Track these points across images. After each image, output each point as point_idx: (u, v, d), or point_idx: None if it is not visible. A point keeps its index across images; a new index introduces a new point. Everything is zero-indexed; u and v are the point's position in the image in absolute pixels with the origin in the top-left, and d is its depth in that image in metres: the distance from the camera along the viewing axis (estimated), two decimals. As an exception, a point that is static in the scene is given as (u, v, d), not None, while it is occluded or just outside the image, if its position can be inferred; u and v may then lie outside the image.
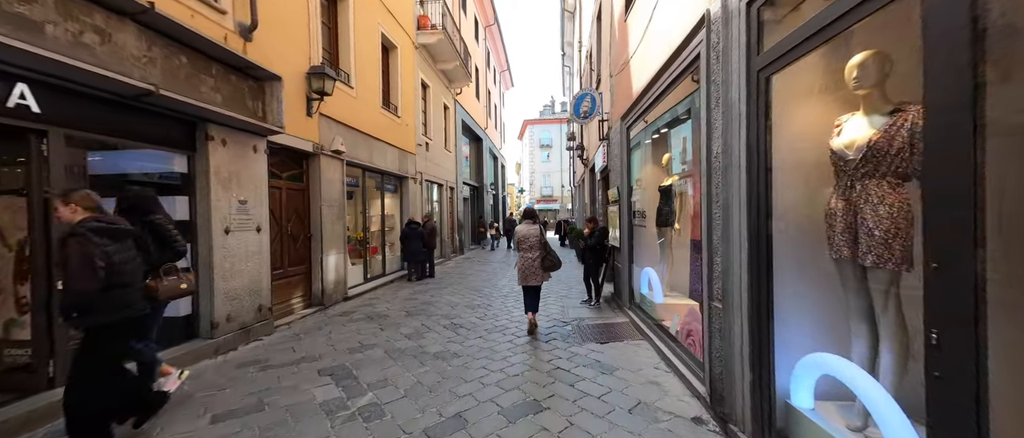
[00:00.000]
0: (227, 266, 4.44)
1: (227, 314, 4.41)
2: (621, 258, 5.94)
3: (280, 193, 5.74)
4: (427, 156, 11.88)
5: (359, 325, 5.56)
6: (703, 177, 2.96)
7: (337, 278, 6.80)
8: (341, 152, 6.89)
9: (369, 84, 8.20)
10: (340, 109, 7.02)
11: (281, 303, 5.69)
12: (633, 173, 5.70)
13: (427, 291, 8.10)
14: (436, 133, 12.88)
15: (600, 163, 7.79)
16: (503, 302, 7.00)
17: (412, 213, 10.41)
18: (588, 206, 12.42)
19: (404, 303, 6.98)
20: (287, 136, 5.60)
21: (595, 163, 9.36)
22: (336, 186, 6.86)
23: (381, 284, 8.49)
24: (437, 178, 12.86)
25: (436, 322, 5.72)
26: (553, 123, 44.53)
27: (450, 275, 10.27)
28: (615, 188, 6.21)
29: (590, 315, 5.92)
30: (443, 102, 13.78)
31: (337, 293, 6.80)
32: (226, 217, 4.44)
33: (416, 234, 9.29)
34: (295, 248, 6.05)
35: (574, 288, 8.17)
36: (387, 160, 9.04)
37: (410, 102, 10.52)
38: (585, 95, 7.16)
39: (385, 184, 9.46)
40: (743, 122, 2.38)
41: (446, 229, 13.83)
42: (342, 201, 7.02)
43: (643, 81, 4.68)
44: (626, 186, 5.69)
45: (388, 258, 9.65)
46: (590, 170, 11.71)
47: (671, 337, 4.18)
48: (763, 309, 2.28)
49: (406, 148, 10.14)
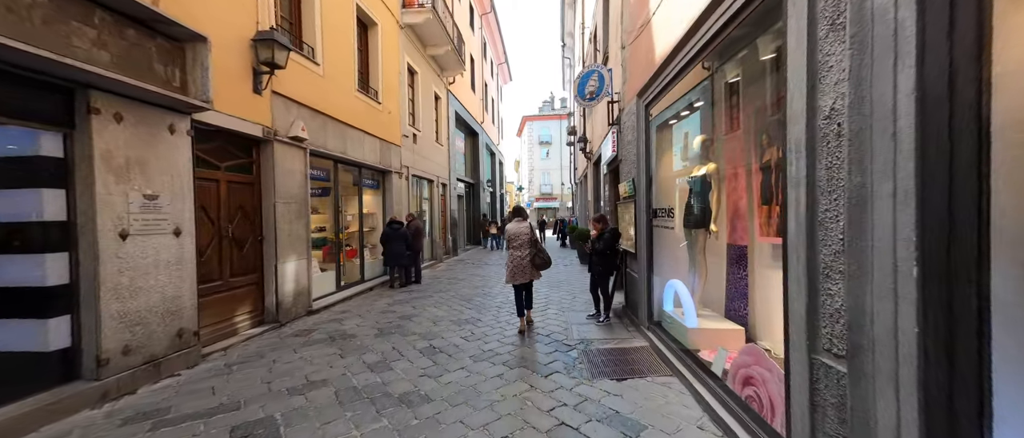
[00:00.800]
0: (124, 281, 3.36)
1: (124, 345, 3.34)
2: (637, 266, 4.87)
3: (216, 187, 4.66)
4: (415, 149, 10.80)
5: (315, 350, 4.48)
6: (793, 152, 1.88)
7: (298, 289, 5.72)
8: (303, 139, 5.80)
9: (341, 63, 7.11)
10: (302, 89, 5.93)
11: (218, 323, 4.61)
12: (653, 162, 4.62)
13: (409, 301, 7.03)
14: (426, 124, 11.80)
15: (608, 153, 6.72)
16: (495, 315, 5.93)
17: (397, 211, 9.33)
18: (591, 204, 11.36)
19: (378, 317, 5.90)
20: (224, 116, 4.52)
21: (601, 154, 8.28)
22: (296, 179, 5.77)
23: (357, 293, 7.41)
24: (427, 173, 11.78)
25: (411, 344, 4.65)
26: (552, 119, 43.42)
27: (439, 281, 9.20)
28: (629, 181, 5.13)
29: (599, 335, 4.85)
30: (434, 91, 12.69)
31: (298, 306, 5.73)
32: (122, 217, 3.36)
33: (398, 235, 8.22)
34: (240, 254, 4.97)
35: (578, 297, 7.11)
36: (365, 151, 7.95)
37: (394, 88, 9.43)
38: (591, 72, 6.09)
39: (363, 179, 8.38)
40: (909, 49, 1.30)
41: (438, 229, 12.76)
42: (305, 197, 5.94)
43: (670, 41, 3.60)
44: (644, 178, 4.62)
45: (368, 263, 8.57)
46: (594, 164, 10.65)
47: (710, 374, 3.11)
48: (966, 392, 1.21)
49: (389, 139, 9.05)
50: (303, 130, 5.75)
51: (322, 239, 7.59)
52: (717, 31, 2.79)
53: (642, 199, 4.66)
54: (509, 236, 5.02)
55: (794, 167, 1.86)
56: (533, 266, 4.94)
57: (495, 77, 24.97)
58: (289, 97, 5.64)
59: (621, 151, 5.86)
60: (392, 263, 8.30)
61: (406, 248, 8.36)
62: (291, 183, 5.64)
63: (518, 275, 4.91)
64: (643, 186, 4.64)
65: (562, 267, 11.20)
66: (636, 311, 5.06)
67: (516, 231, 5.00)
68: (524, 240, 4.94)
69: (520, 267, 4.89)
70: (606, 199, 8.03)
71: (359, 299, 7.20)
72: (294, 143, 5.68)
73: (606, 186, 8.00)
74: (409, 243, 8.37)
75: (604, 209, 8.19)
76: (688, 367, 3.42)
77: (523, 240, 4.94)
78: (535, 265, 4.95)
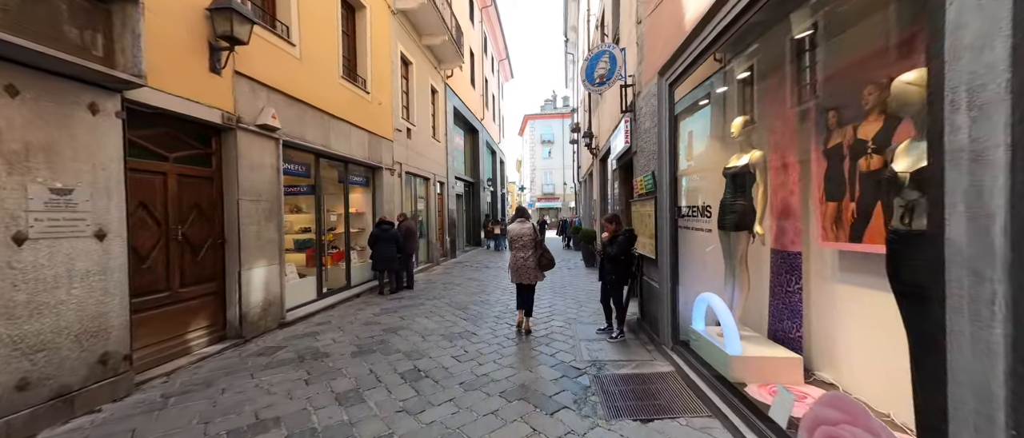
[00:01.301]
0: (20, 297, 2.66)
1: (20, 378, 2.64)
2: (658, 274, 4.15)
3: (163, 181, 3.96)
4: (409, 144, 10.10)
5: (277, 375, 3.78)
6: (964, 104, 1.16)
7: (267, 298, 5.02)
8: (274, 128, 5.11)
9: (323, 46, 6.42)
10: (274, 72, 5.24)
11: (162, 343, 3.91)
12: (679, 151, 3.90)
13: (397, 310, 6.32)
14: (421, 119, 11.10)
15: (619, 146, 6.01)
16: (493, 327, 5.23)
17: (389, 211, 8.63)
18: (597, 203, 10.65)
19: (360, 330, 5.20)
20: (172, 97, 3.82)
21: (610, 148, 7.57)
22: (266, 174, 5.07)
23: (342, 300, 6.71)
24: (422, 171, 11.08)
25: (393, 366, 3.94)
26: (555, 118, 42.73)
27: (433, 286, 8.49)
28: (647, 175, 4.42)
29: (614, 355, 4.13)
30: (430, 84, 12.00)
31: (268, 318, 5.03)
32: (17, 216, 2.67)
33: (388, 237, 7.52)
34: (195, 260, 4.28)
35: (585, 306, 6.39)
36: (351, 145, 7.25)
37: (385, 78, 8.74)
38: (601, 53, 5.38)
39: (350, 175, 7.68)
40: None
41: (434, 229, 12.06)
42: (276, 194, 5.24)
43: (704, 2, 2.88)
44: (667, 171, 3.90)
45: (356, 267, 7.87)
46: (601, 160, 9.94)
47: (766, 420, 2.39)
48: None
49: (379, 132, 8.35)
50: (274, 118, 5.05)
51: (306, 241, 6.91)
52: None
53: (665, 196, 3.94)
54: (511, 237, 4.93)
55: (966, 131, 1.13)
56: (538, 267, 4.86)
57: (496, 73, 24.28)
58: (257, 80, 4.95)
59: (636, 142, 5.14)
60: (381, 267, 7.60)
61: (397, 251, 7.66)
62: (259, 178, 4.94)
63: (521, 275, 4.84)
64: (666, 180, 3.92)
65: (566, 270, 10.49)
66: (655, 327, 4.34)
67: (518, 232, 4.91)
68: (526, 241, 4.86)
69: (523, 268, 4.83)
70: (616, 197, 7.31)
71: (343, 308, 6.50)
72: (263, 133, 4.98)
73: (616, 183, 7.28)
74: (400, 245, 7.67)
75: (614, 208, 7.47)
76: (732, 406, 2.69)
77: (525, 241, 4.86)
78: (540, 266, 4.87)
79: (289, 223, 7.25)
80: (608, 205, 9.99)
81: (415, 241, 8.33)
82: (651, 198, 4.29)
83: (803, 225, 3.01)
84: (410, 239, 8.08)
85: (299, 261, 6.91)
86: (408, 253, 8.04)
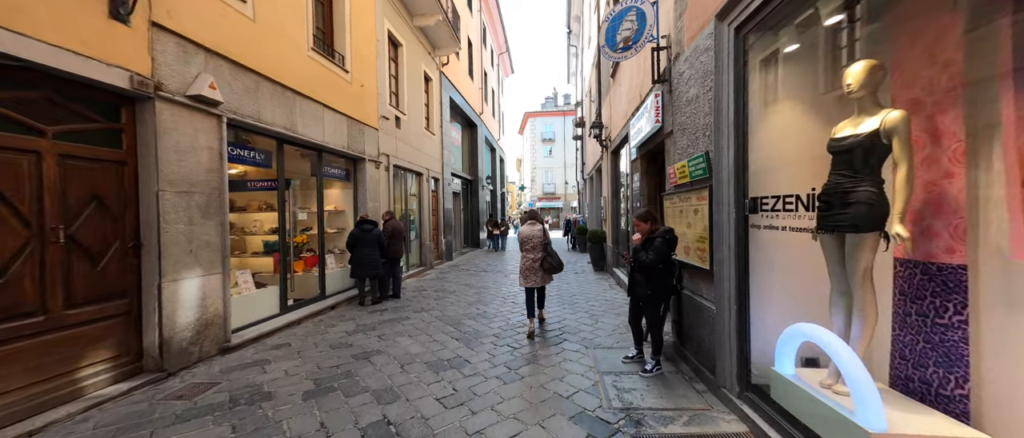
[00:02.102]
0: None
1: None
2: (714, 291, 3.07)
3: (35, 164, 2.88)
4: (398, 135, 9.03)
5: (187, 434, 2.71)
6: None
7: (203, 318, 3.95)
8: (213, 102, 4.03)
9: (287, 8, 5.34)
10: (217, 32, 4.17)
11: (34, 386, 2.83)
12: (751, 122, 2.82)
13: (376, 327, 5.24)
14: (413, 108, 10.03)
15: (645, 129, 4.93)
16: (492, 351, 4.16)
17: (373, 208, 7.56)
18: (608, 201, 9.58)
19: (325, 357, 4.13)
20: (46, 49, 2.75)
21: (626, 135, 6.50)
22: (201, 159, 3.99)
23: (311, 314, 5.64)
24: (414, 165, 10.01)
25: (354, 416, 2.88)
26: (556, 116, 41.71)
27: (423, 294, 7.41)
28: (695, 159, 3.34)
29: (653, 400, 3.05)
30: (424, 71, 10.93)
31: (204, 343, 3.95)
32: None
33: (370, 239, 6.45)
34: (92, 271, 3.20)
35: (602, 320, 5.31)
36: (325, 131, 6.18)
37: (369, 57, 7.66)
38: (627, 10, 4.30)
39: (326, 166, 6.61)
40: None
41: (427, 230, 10.98)
42: (218, 185, 4.17)
43: None
44: (732, 149, 2.82)
45: (333, 273, 6.80)
46: (613, 152, 8.87)
47: None
48: None
49: (361, 119, 7.28)
50: (213, 88, 3.98)
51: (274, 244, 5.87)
52: None
53: (727, 184, 2.86)
54: (522, 239, 4.89)
55: None
56: (542, 269, 4.77)
57: (495, 67, 23.23)
58: (191, 40, 3.87)
59: (672, 118, 4.07)
60: (362, 274, 6.53)
61: (381, 255, 6.60)
62: (191, 164, 3.87)
63: (529, 278, 4.79)
64: (730, 162, 2.84)
65: (573, 276, 9.42)
66: (704, 356, 3.27)
67: (529, 234, 4.87)
68: (536, 243, 4.83)
69: (531, 269, 4.79)
70: (635, 193, 6.25)
71: (311, 324, 5.42)
72: (198, 106, 3.91)
73: (636, 176, 6.21)
74: (384, 248, 6.60)
75: (635, 206, 6.40)
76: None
77: (535, 243, 4.83)
78: (544, 268, 4.78)
79: (258, 223, 6.20)
80: (620, 203, 8.93)
81: (403, 243, 7.27)
82: (700, 189, 3.21)
83: (969, 225, 1.94)
84: (397, 240, 7.01)
85: (266, 267, 5.85)
86: (394, 257, 6.98)
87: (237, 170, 5.48)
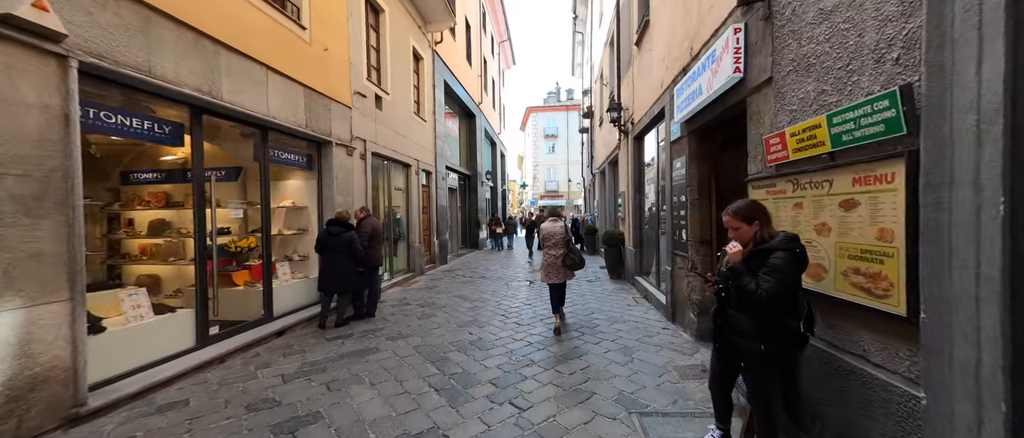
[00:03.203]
0: None
1: None
2: (928, 361, 1.57)
3: None
4: (380, 118, 7.55)
5: None
6: None
7: (24, 374, 2.46)
8: (48, 34, 2.55)
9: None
10: (63, -73, 2.69)
11: None
12: None
13: (327, 367, 3.76)
14: (399, 88, 8.55)
15: (717, 84, 3.39)
16: (485, 418, 2.66)
17: (343, 204, 6.09)
18: (628, 195, 8.08)
19: (227, 430, 2.65)
20: None
21: (673, 105, 5.01)
22: (27, 122, 2.51)
23: (245, 345, 4.16)
24: (400, 154, 8.53)
25: None
26: (559, 111, 40.18)
27: (406, 310, 5.92)
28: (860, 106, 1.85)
29: None
30: (412, 46, 9.44)
31: (27, 413, 2.47)
32: None
33: (339, 244, 5.00)
34: None
35: (637, 358, 3.78)
36: (270, 100, 4.70)
37: (338, 17, 6.18)
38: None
39: (276, 149, 5.14)
40: None
41: (417, 230, 9.50)
42: (64, 166, 2.68)
43: None
44: (994, 71, 1.33)
45: (284, 287, 5.33)
46: (636, 138, 7.38)
47: None
48: None
49: (326, 92, 5.80)
50: (41, 7, 2.49)
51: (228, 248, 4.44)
52: None
53: (968, 148, 1.37)
54: (544, 235, 4.85)
55: None
56: (565, 267, 4.73)
57: (496, 56, 21.74)
58: (3, -72, 2.39)
59: (774, 59, 2.57)
60: (330, 289, 5.08)
61: (356, 264, 5.13)
62: (6, 129, 2.39)
63: (552, 274, 4.74)
64: (978, 98, 1.36)
65: (586, 284, 7.94)
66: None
67: (551, 231, 4.82)
68: (558, 239, 4.77)
69: (553, 266, 4.73)
70: (677, 184, 4.76)
71: (240, 361, 3.94)
72: (16, 37, 2.43)
73: (679, 161, 4.72)
74: (359, 256, 5.13)
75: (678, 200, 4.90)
76: None
77: (557, 240, 4.77)
78: (566, 265, 4.73)
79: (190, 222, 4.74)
80: (644, 198, 7.44)
81: (381, 246, 5.80)
82: (870, 162, 1.73)
83: None
84: (374, 244, 5.55)
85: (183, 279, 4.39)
86: (372, 264, 5.51)
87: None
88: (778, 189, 2.47)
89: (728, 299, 2.09)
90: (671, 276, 4.99)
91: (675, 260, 4.91)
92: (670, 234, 5.03)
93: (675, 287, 4.93)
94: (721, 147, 4.37)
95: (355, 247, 5.08)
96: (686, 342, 4.31)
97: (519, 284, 8.17)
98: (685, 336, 4.49)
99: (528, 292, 7.29)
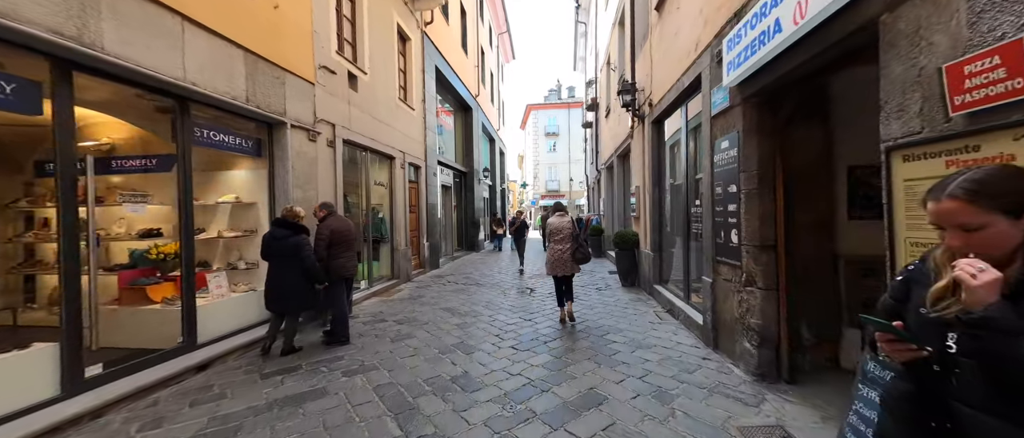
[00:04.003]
0: None
1: None
2: None
3: None
4: (354, 100, 6.44)
5: None
6: None
7: None
8: None
9: None
10: None
11: None
12: None
13: (245, 424, 2.64)
14: (380, 68, 7.44)
15: (813, 12, 2.29)
16: None
17: (300, 199, 4.98)
18: (644, 190, 6.96)
19: None
20: None
21: (724, 61, 3.91)
22: None
23: (143, 387, 3.04)
24: (381, 144, 7.41)
25: None
26: (560, 108, 39.10)
27: (378, 329, 4.79)
28: None
29: None
30: (396, 23, 8.33)
31: None
32: None
33: (285, 249, 3.90)
34: None
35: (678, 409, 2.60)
36: (187, 60, 3.57)
37: (297, -28, 5.07)
38: None
39: (206, 129, 4.03)
40: None
41: (402, 231, 8.37)
42: None
43: None
44: None
45: (218, 303, 4.22)
46: (654, 122, 6.26)
47: None
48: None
49: (278, 61, 4.69)
50: None
51: (140, 255, 3.35)
52: None
53: None
54: (551, 230, 4.94)
55: None
56: (574, 260, 4.81)
57: (495, 48, 20.62)
58: None
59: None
60: (278, 307, 3.97)
61: (306, 279, 4.01)
62: None
63: (558, 268, 4.81)
64: None
65: (594, 293, 6.83)
66: None
67: (558, 225, 4.91)
68: (566, 234, 4.85)
69: (560, 260, 4.80)
70: (729, 169, 3.62)
71: (128, 413, 2.82)
72: None
73: (729, 138, 3.59)
74: (309, 266, 4.00)
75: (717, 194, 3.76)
76: None
77: (565, 234, 4.85)
78: (575, 259, 4.82)
79: (124, 222, 3.67)
80: (665, 193, 6.32)
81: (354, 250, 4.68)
82: None
83: None
84: (346, 246, 4.45)
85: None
86: (341, 276, 4.41)
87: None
88: (980, 155, 1.35)
89: (964, 385, 0.95)
90: (712, 290, 3.86)
91: (719, 269, 3.78)
92: (711, 236, 3.89)
93: (718, 304, 3.80)
94: (787, 121, 3.25)
95: (304, 253, 3.96)
96: (742, 382, 3.17)
97: (517, 293, 7.06)
98: (738, 372, 3.35)
99: (527, 303, 6.18)
